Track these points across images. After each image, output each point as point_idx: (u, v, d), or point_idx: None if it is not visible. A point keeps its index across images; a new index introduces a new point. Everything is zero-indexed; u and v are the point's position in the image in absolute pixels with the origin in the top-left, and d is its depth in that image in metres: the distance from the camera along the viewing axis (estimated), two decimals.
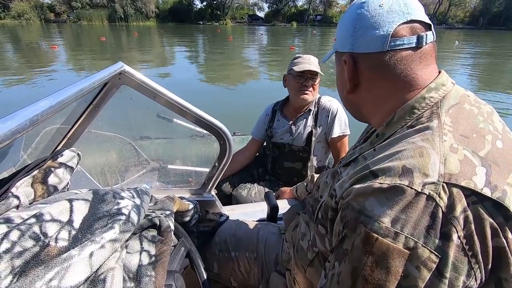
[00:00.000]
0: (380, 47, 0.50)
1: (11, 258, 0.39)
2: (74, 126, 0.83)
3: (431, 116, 0.48)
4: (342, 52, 0.56)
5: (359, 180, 0.46)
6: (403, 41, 0.49)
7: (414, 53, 0.50)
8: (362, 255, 0.40)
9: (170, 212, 0.64)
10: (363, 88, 0.56)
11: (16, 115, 0.44)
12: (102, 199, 0.53)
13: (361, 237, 0.41)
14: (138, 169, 1.59)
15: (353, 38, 0.53)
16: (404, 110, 0.51)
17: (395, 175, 0.41)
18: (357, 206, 0.43)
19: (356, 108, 0.61)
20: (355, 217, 0.43)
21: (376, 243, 0.39)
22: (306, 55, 1.51)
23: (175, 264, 0.67)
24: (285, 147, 1.59)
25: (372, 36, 0.51)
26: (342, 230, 0.45)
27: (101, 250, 0.44)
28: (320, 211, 0.59)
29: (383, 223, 0.39)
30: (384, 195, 0.41)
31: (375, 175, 0.44)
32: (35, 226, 0.43)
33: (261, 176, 1.78)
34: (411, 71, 0.50)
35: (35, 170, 0.54)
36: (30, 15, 45.66)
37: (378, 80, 0.53)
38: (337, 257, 0.46)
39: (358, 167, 0.49)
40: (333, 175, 0.63)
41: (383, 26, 0.50)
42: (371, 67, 0.53)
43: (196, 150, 1.91)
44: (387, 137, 0.52)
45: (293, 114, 1.60)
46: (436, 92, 0.49)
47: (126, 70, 0.78)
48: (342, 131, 1.52)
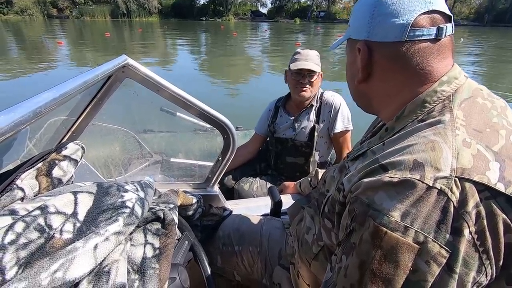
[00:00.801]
0: (398, 37, 0.48)
1: (16, 249, 0.39)
2: (78, 119, 0.83)
3: (442, 110, 0.46)
4: (356, 39, 0.54)
5: (368, 174, 0.45)
6: (423, 32, 0.47)
7: (433, 45, 0.48)
8: (370, 249, 0.40)
9: (174, 206, 0.64)
10: (376, 78, 0.54)
11: (19, 106, 0.44)
12: (106, 192, 0.52)
13: (369, 230, 0.40)
14: (141, 162, 1.60)
15: (370, 26, 0.51)
16: (415, 104, 0.49)
17: (405, 169, 0.40)
18: (366, 200, 0.42)
19: (366, 98, 0.59)
20: (364, 210, 0.42)
21: (385, 237, 0.39)
22: (305, 50, 1.50)
23: (179, 257, 0.67)
24: (288, 142, 1.59)
25: (391, 25, 0.49)
26: (350, 223, 0.45)
27: (105, 242, 0.44)
28: (327, 205, 0.58)
29: (393, 217, 0.39)
30: (394, 189, 0.40)
31: (385, 169, 0.43)
32: (40, 218, 0.43)
33: (263, 170, 1.78)
34: (428, 64, 0.49)
35: (39, 163, 0.54)
36: (33, 10, 45.71)
37: (393, 71, 0.51)
38: (344, 251, 0.45)
39: (367, 161, 0.49)
40: (341, 169, 0.62)
41: (403, 14, 0.48)
42: (386, 57, 0.51)
43: (199, 144, 1.91)
44: (396, 131, 0.50)
45: (296, 110, 1.60)
46: (448, 85, 0.48)
47: (130, 63, 0.78)
48: (345, 126, 1.51)
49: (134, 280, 0.47)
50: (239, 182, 1.63)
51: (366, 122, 0.77)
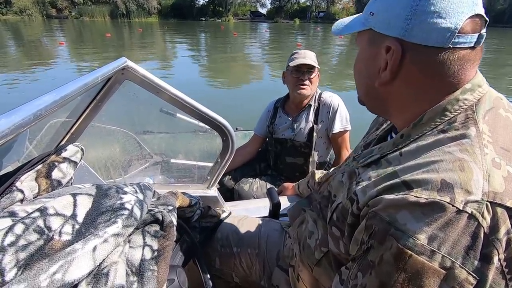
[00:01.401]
0: (441, 42, 0.42)
1: (15, 251, 0.39)
2: (78, 121, 0.84)
3: (466, 122, 0.43)
4: (385, 34, 0.47)
5: (389, 190, 0.42)
6: (466, 39, 0.42)
7: (470, 53, 0.44)
8: (393, 271, 0.38)
9: (173, 208, 0.64)
10: (399, 82, 0.48)
11: (20, 109, 0.44)
12: (106, 194, 0.53)
13: (392, 252, 0.39)
14: (141, 163, 1.60)
15: (408, 22, 0.43)
16: (435, 112, 0.46)
17: (433, 189, 0.38)
18: (387, 217, 0.40)
19: (381, 102, 0.53)
20: (384, 228, 0.40)
21: (410, 260, 0.37)
22: (302, 50, 1.52)
23: (178, 259, 0.68)
24: (287, 143, 1.61)
25: (435, 26, 0.42)
26: (368, 240, 0.43)
27: (104, 244, 0.44)
28: (336, 213, 0.55)
29: (419, 240, 0.37)
30: (420, 210, 0.38)
31: (409, 187, 0.40)
32: (39, 220, 0.43)
33: (263, 171, 1.80)
34: (462, 73, 0.44)
35: (39, 165, 0.54)
36: (32, 10, 45.62)
37: (424, 77, 0.46)
38: (360, 268, 0.44)
39: (384, 173, 0.46)
40: (350, 176, 0.58)
41: (452, 15, 0.41)
42: (421, 62, 0.45)
43: (198, 145, 1.92)
44: (413, 139, 0.47)
45: (294, 110, 1.61)
46: (471, 94, 0.45)
47: (130, 65, 0.78)
48: (343, 126, 1.53)
49: (132, 282, 0.48)
50: (239, 183, 1.64)
51: (365, 123, 0.77)
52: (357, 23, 0.53)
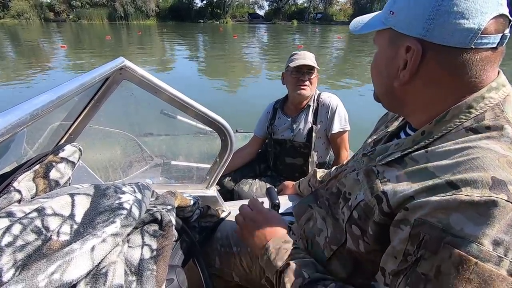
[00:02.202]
0: (464, 42, 0.42)
1: (13, 251, 0.39)
2: (75, 121, 0.83)
3: (497, 120, 0.43)
4: (405, 34, 0.46)
5: (431, 190, 0.40)
6: (489, 39, 0.42)
7: (492, 53, 0.43)
8: (455, 283, 0.35)
9: (172, 207, 0.64)
10: (419, 82, 0.48)
11: (16, 109, 0.44)
12: (104, 193, 0.52)
13: (453, 261, 0.35)
14: (142, 165, 1.60)
15: (430, 22, 0.43)
16: (459, 109, 0.45)
17: (484, 187, 0.36)
18: (439, 224, 0.37)
19: (399, 101, 0.53)
20: (438, 237, 0.37)
21: (475, 269, 0.34)
22: (302, 51, 1.53)
23: (177, 258, 0.67)
24: (287, 143, 1.61)
25: (458, 27, 0.41)
26: (416, 250, 0.39)
27: (102, 244, 0.44)
28: (357, 211, 0.53)
29: (483, 246, 0.34)
30: (474, 211, 0.35)
31: (455, 186, 0.38)
32: (37, 220, 0.43)
33: (262, 172, 1.80)
34: (484, 74, 0.44)
35: (36, 165, 0.54)
36: (29, 14, 45.61)
37: (445, 77, 0.45)
38: (409, 283, 0.40)
39: (416, 172, 0.44)
40: (368, 174, 0.55)
41: (475, 16, 0.41)
42: (442, 63, 0.44)
43: (199, 147, 1.93)
44: (437, 136, 0.46)
45: (293, 111, 1.62)
46: (497, 92, 0.44)
47: (127, 65, 0.78)
48: (342, 127, 1.53)
49: (131, 281, 0.47)
50: (238, 184, 1.64)
51: (363, 123, 0.77)
52: (376, 21, 0.53)
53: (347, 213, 0.56)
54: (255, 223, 0.71)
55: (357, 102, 5.31)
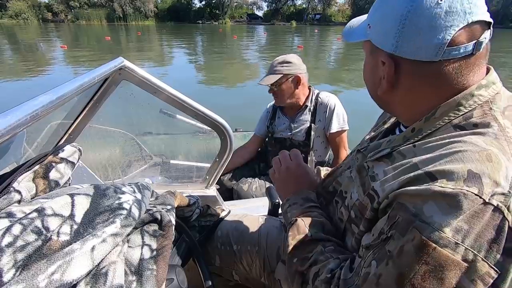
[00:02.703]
0: (431, 56, 0.43)
1: (13, 252, 0.39)
2: (75, 121, 0.84)
3: (484, 117, 0.44)
4: (380, 48, 0.48)
5: (412, 182, 0.42)
6: (459, 50, 0.42)
7: (469, 60, 0.44)
8: (414, 263, 0.38)
9: (171, 207, 0.64)
10: (400, 91, 0.50)
11: (16, 109, 0.44)
12: (104, 193, 0.52)
13: (414, 243, 0.38)
14: (141, 164, 1.61)
15: (398, 38, 0.45)
16: (449, 106, 0.46)
17: (459, 179, 0.37)
18: (413, 208, 0.39)
19: (387, 106, 0.56)
20: (408, 220, 0.39)
21: (433, 253, 0.37)
22: (273, 61, 1.58)
23: (177, 258, 0.67)
24: (286, 142, 1.64)
25: (424, 43, 0.43)
26: (388, 230, 0.42)
27: (102, 244, 0.44)
28: (353, 210, 0.55)
29: (444, 233, 0.36)
30: (446, 201, 0.37)
31: (433, 178, 0.39)
32: (37, 220, 0.43)
33: (262, 171, 1.81)
34: (463, 78, 0.45)
35: (36, 165, 0.54)
36: (27, 14, 45.56)
37: (421, 86, 0.47)
38: (375, 257, 0.43)
39: (402, 166, 0.46)
40: (359, 170, 0.57)
41: (439, 31, 0.42)
42: (415, 75, 0.46)
43: (198, 146, 1.93)
44: (426, 134, 0.48)
45: (291, 111, 1.65)
46: (486, 90, 0.45)
47: (127, 65, 0.78)
48: (340, 126, 1.55)
49: (131, 281, 0.47)
50: (238, 183, 1.65)
51: (362, 123, 0.77)
52: (360, 32, 0.54)
53: (346, 213, 0.57)
54: (288, 172, 0.73)
55: (357, 101, 5.32)
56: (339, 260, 0.52)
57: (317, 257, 0.54)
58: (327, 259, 0.53)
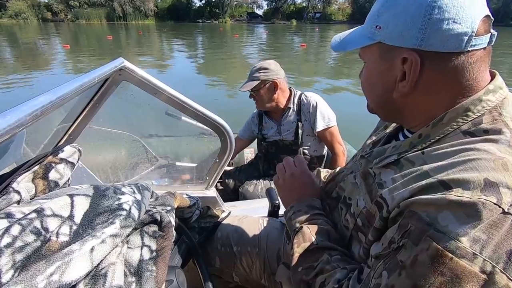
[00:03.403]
0: (459, 46, 0.42)
1: (12, 252, 0.39)
2: (75, 122, 0.83)
3: (495, 123, 0.43)
4: (398, 46, 0.46)
5: (424, 190, 0.40)
6: (482, 40, 0.43)
7: (484, 53, 0.44)
8: (429, 274, 0.37)
9: (171, 208, 0.64)
10: (419, 91, 0.48)
11: (16, 109, 0.44)
12: (103, 194, 0.52)
13: (429, 253, 0.37)
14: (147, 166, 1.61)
15: (424, 31, 0.43)
16: (457, 112, 0.45)
17: (475, 188, 0.36)
18: (426, 217, 0.38)
19: (397, 111, 0.53)
20: (422, 229, 0.38)
21: (450, 263, 0.36)
22: (252, 67, 1.62)
23: (177, 259, 0.67)
24: (279, 143, 1.70)
25: (452, 32, 0.42)
26: (400, 239, 0.41)
27: (102, 245, 0.44)
28: (360, 218, 0.53)
29: (462, 243, 0.35)
30: (463, 211, 0.36)
31: (447, 186, 0.38)
32: (36, 221, 0.43)
33: (266, 171, 1.85)
34: (479, 74, 0.45)
35: (35, 166, 0.54)
36: (27, 14, 45.48)
37: (442, 83, 0.46)
38: (386, 267, 0.42)
39: (412, 174, 0.45)
40: (365, 176, 0.56)
41: (466, 20, 0.42)
42: (440, 69, 0.45)
43: (203, 148, 1.94)
44: (434, 140, 0.47)
45: (276, 115, 1.71)
46: (494, 95, 0.45)
47: (127, 66, 0.78)
48: (326, 124, 1.58)
49: (131, 282, 0.47)
50: (243, 185, 1.71)
51: (365, 120, 0.76)
52: (362, 37, 0.52)
53: (352, 221, 0.56)
54: (292, 179, 0.72)
55: (357, 101, 5.32)
56: (346, 271, 0.51)
57: (323, 267, 0.53)
58: (333, 268, 0.52)
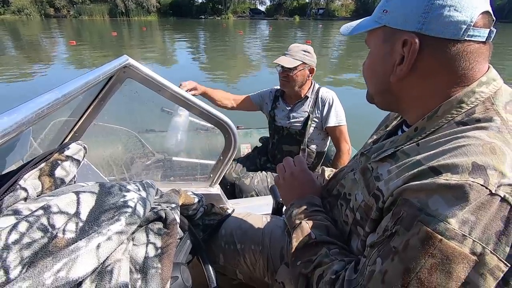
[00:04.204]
0: (457, 34, 0.44)
1: (20, 249, 0.39)
2: (80, 119, 0.84)
3: (487, 112, 0.44)
4: (401, 29, 0.48)
5: (416, 177, 0.41)
6: (480, 33, 0.44)
7: (482, 47, 0.46)
8: (419, 256, 0.37)
9: (176, 205, 0.65)
10: (415, 76, 0.49)
11: (21, 108, 0.44)
12: (109, 191, 0.53)
13: (420, 236, 0.37)
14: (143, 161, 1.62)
15: (426, 16, 0.45)
16: (451, 104, 0.47)
17: (463, 171, 0.37)
18: (418, 203, 0.39)
19: (394, 98, 0.54)
20: (413, 214, 0.39)
21: (439, 245, 0.36)
22: (292, 45, 1.59)
23: (181, 256, 0.68)
24: (284, 131, 1.69)
25: (452, 19, 0.44)
26: (393, 226, 0.41)
27: (108, 242, 0.44)
28: (359, 212, 0.54)
29: (450, 224, 0.36)
30: (451, 193, 0.37)
31: (437, 172, 0.39)
32: (43, 217, 0.43)
33: (263, 165, 1.86)
34: (474, 66, 0.46)
35: (42, 163, 0.54)
36: (30, 10, 45.46)
37: (438, 69, 0.47)
38: (380, 254, 0.42)
39: (405, 164, 0.45)
40: (363, 172, 0.57)
41: (467, 9, 0.43)
42: (437, 54, 0.46)
43: (200, 143, 1.94)
44: (429, 132, 0.48)
45: (291, 100, 1.69)
46: (487, 87, 0.46)
47: (131, 63, 0.78)
48: (337, 121, 1.59)
49: (136, 279, 0.48)
50: (240, 177, 1.69)
51: (364, 119, 0.77)
52: (369, 22, 0.54)
53: (351, 216, 0.57)
54: (292, 178, 0.74)
55: (358, 97, 5.29)
56: (344, 262, 0.52)
57: (321, 260, 0.54)
58: (331, 261, 0.53)
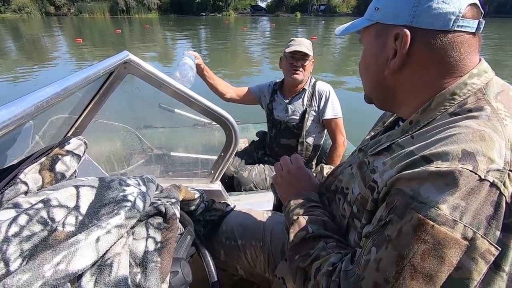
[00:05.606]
0: (446, 25, 0.46)
1: (20, 241, 0.39)
2: (81, 115, 0.84)
3: (478, 102, 0.45)
4: (392, 24, 0.50)
5: (408, 166, 0.42)
6: (469, 23, 0.46)
7: (471, 38, 0.47)
8: (412, 243, 0.38)
9: (176, 200, 0.64)
10: (409, 69, 0.50)
11: (20, 100, 0.44)
12: (108, 186, 0.53)
13: (412, 223, 0.38)
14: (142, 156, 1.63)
15: (415, 9, 0.47)
16: (443, 96, 0.48)
17: (453, 159, 0.38)
18: (410, 191, 0.40)
19: (389, 93, 0.55)
20: (406, 202, 0.40)
21: (431, 231, 0.36)
22: (299, 38, 1.60)
23: (182, 251, 0.68)
24: (281, 124, 1.71)
25: (441, 11, 0.46)
26: (387, 215, 0.42)
27: (107, 235, 0.44)
28: (356, 205, 0.55)
29: (441, 210, 0.36)
30: (442, 180, 0.38)
31: (428, 160, 0.40)
32: (42, 211, 0.43)
33: (260, 158, 1.89)
34: (465, 57, 0.47)
35: (42, 157, 0.54)
36: (30, 8, 45.48)
37: (430, 61, 0.48)
38: (375, 243, 0.43)
39: (399, 155, 0.46)
40: (360, 166, 0.58)
41: (455, 1, 0.45)
42: (428, 46, 0.48)
43: (198, 138, 1.95)
44: (423, 125, 0.48)
45: (289, 94, 1.71)
46: (478, 78, 0.47)
47: (132, 59, 0.78)
48: (334, 114, 1.62)
49: (136, 273, 0.48)
50: (238, 170, 1.72)
51: (361, 114, 0.77)
52: (361, 21, 0.56)
53: (348, 209, 0.57)
54: (289, 175, 0.75)
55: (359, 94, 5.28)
56: (341, 255, 0.52)
57: (318, 253, 0.54)
58: (328, 254, 0.53)
